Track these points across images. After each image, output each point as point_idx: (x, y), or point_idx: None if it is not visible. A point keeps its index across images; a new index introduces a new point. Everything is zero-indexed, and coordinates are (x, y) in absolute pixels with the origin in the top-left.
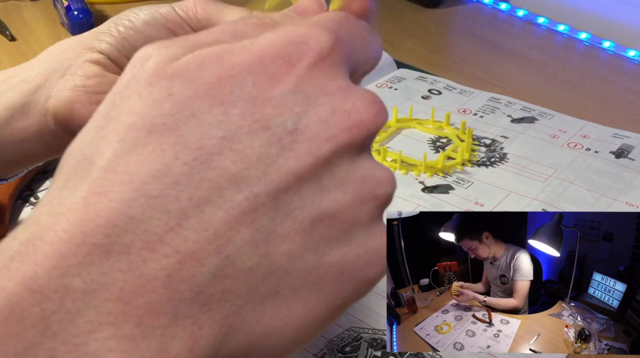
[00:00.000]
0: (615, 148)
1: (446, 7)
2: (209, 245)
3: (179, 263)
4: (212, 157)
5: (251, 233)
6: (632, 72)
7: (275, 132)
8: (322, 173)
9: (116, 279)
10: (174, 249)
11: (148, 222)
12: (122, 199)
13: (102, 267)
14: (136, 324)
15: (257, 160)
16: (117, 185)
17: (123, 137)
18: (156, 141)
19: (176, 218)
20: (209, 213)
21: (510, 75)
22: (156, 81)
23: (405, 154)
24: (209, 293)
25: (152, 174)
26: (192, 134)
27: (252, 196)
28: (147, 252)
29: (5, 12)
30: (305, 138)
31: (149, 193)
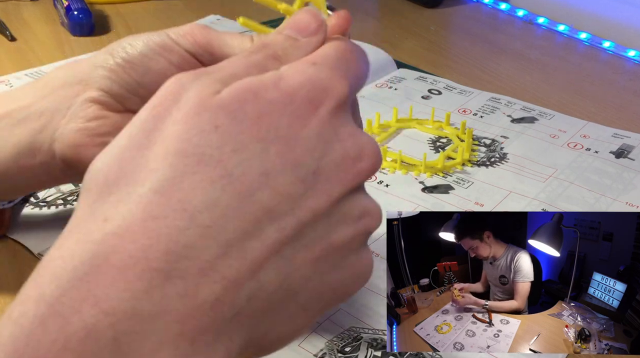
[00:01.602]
0: (615, 148)
1: (446, 7)
2: (248, 272)
3: (224, 288)
4: (254, 192)
5: (278, 261)
6: (632, 72)
7: (302, 171)
8: (332, 210)
9: (175, 303)
10: (221, 275)
11: (201, 250)
12: (178, 227)
13: (163, 291)
14: (190, 343)
15: (287, 197)
16: (171, 212)
17: (172, 162)
18: (204, 171)
19: (223, 247)
20: (248, 243)
21: (510, 75)
22: (203, 111)
23: (405, 153)
24: (243, 314)
25: (204, 204)
26: (237, 168)
27: (280, 229)
28: (199, 278)
29: (5, 12)
30: (323, 179)
31: (202, 223)
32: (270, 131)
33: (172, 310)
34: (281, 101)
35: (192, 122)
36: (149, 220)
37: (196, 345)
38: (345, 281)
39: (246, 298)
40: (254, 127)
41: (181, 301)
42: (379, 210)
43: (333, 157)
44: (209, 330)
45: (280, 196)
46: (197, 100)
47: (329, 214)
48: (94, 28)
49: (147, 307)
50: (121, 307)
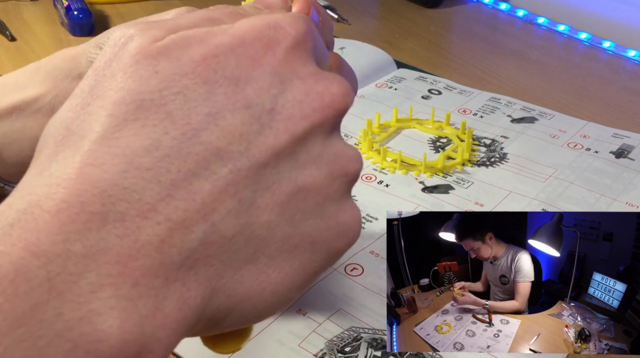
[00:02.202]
0: (615, 148)
1: (446, 7)
2: (197, 214)
3: (170, 230)
4: (199, 133)
5: (234, 203)
6: (632, 72)
7: (255, 110)
8: (298, 150)
9: (113, 244)
10: (166, 217)
11: (141, 192)
12: (116, 171)
13: (100, 233)
14: (133, 285)
15: (239, 137)
16: (110, 158)
17: (112, 112)
18: (145, 116)
19: (167, 189)
20: (197, 185)
21: (510, 75)
22: (142, 59)
23: (405, 154)
24: (195, 258)
25: (144, 148)
26: (179, 110)
27: (235, 170)
28: (140, 220)
29: (5, 12)
30: (282, 117)
31: (141, 166)
32: (218, 72)
33: (110, 251)
34: (229, 43)
35: (130, 70)
36: (86, 167)
37: (140, 288)
38: (325, 234)
39: (198, 242)
40: (198, 69)
41: (120, 242)
42: (357, 153)
43: (294, 94)
44: (155, 273)
45: (230, 136)
46: (138, 48)
47: (293, 154)
48: (94, 28)
49: (81, 248)
50: (53, 249)
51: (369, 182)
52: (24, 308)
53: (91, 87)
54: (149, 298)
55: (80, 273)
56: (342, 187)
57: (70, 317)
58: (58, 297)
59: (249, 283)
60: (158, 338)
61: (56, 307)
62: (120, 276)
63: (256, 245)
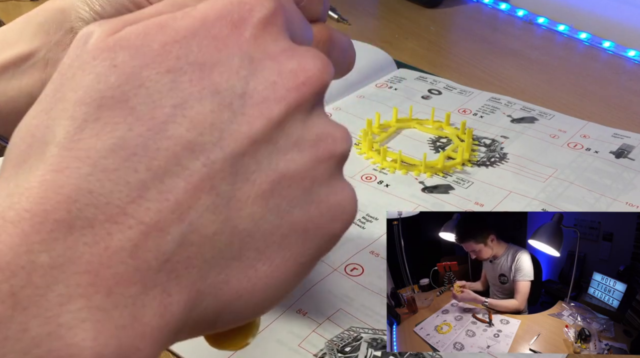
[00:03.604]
0: (615, 148)
1: (446, 7)
2: (171, 214)
3: (143, 233)
4: (166, 126)
5: (212, 199)
6: (632, 72)
7: (225, 96)
8: (276, 135)
9: (82, 253)
10: (138, 220)
11: (109, 195)
12: (80, 175)
13: (67, 241)
14: (107, 294)
15: (210, 126)
16: (72, 162)
17: (72, 114)
18: (107, 115)
19: (137, 190)
20: (169, 183)
21: (510, 75)
22: (99, 54)
23: (405, 154)
24: (175, 261)
25: (107, 148)
26: (143, 105)
27: (209, 162)
28: (110, 225)
29: (6, 12)
30: (255, 101)
31: (106, 167)
32: (180, 59)
33: (79, 260)
34: (191, 25)
35: (88, 67)
36: (48, 173)
37: (114, 297)
38: (317, 219)
39: (176, 244)
40: (159, 58)
41: (90, 250)
42: (344, 131)
43: (266, 75)
44: (130, 280)
45: (200, 126)
46: (95, 44)
47: (271, 140)
48: None
49: (47, 259)
50: (16, 261)
51: (369, 182)
52: None
53: (54, 91)
54: (125, 308)
55: (47, 286)
56: (329, 169)
57: (37, 333)
58: (23, 312)
59: (237, 281)
60: (138, 349)
61: (21, 322)
62: (92, 286)
63: (241, 241)
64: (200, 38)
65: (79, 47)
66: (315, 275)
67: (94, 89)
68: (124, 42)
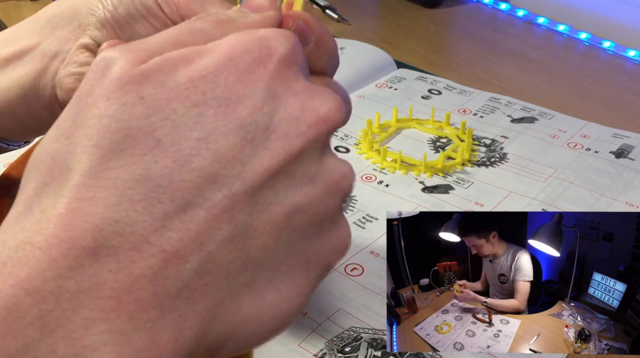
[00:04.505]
0: (615, 148)
1: (446, 7)
2: (192, 243)
3: (164, 261)
4: (191, 159)
5: (230, 229)
6: (632, 72)
7: (248, 131)
8: (294, 168)
9: (106, 279)
10: (159, 248)
11: (134, 225)
12: (107, 204)
13: (93, 268)
14: (128, 319)
15: (232, 159)
16: (99, 191)
17: (97, 142)
18: (133, 145)
19: (160, 220)
20: (191, 213)
21: (510, 75)
22: (124, 85)
23: (405, 154)
24: (192, 288)
25: (134, 179)
26: (168, 136)
27: (230, 195)
28: (134, 253)
29: (5, 12)
30: (277, 136)
31: (132, 198)
32: (207, 93)
33: (103, 286)
34: (217, 62)
35: (114, 96)
36: (76, 202)
37: (135, 321)
38: (319, 251)
39: (194, 272)
40: (186, 92)
41: (114, 277)
42: (350, 169)
43: (289, 111)
44: (150, 306)
45: (223, 159)
46: (120, 73)
47: (289, 173)
48: None
49: (74, 284)
50: (45, 286)
51: (369, 182)
52: (16, 346)
53: (74, 116)
54: (143, 332)
55: (73, 310)
56: (336, 204)
57: (64, 353)
58: (51, 334)
59: (247, 308)
60: None
61: (49, 344)
62: (114, 311)
63: (253, 269)
64: (226, 74)
65: (100, 71)
66: None
67: (120, 119)
68: (152, 74)
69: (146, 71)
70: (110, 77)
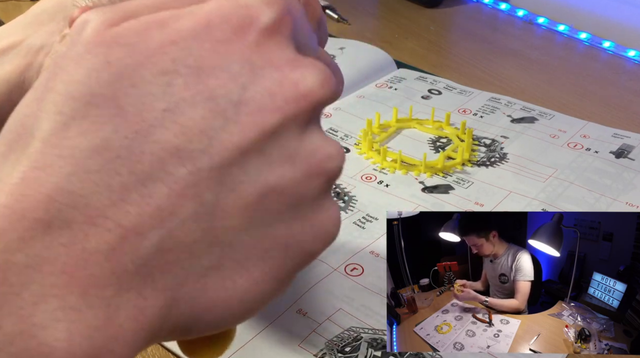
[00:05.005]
0: (615, 148)
1: (446, 7)
2: (151, 219)
3: (121, 237)
4: (154, 130)
5: (195, 207)
6: (632, 72)
7: (219, 103)
8: (269, 146)
9: (59, 253)
10: (116, 223)
11: (89, 197)
12: (62, 174)
13: (44, 242)
14: (81, 295)
15: (200, 133)
16: (56, 160)
17: (61, 109)
18: (95, 113)
19: (118, 193)
20: (152, 188)
21: (510, 75)
22: (94, 48)
23: (405, 154)
24: (152, 266)
25: (91, 148)
26: (132, 105)
27: (195, 170)
28: (88, 227)
29: (5, 12)
30: (250, 110)
31: (89, 168)
32: (177, 61)
33: (55, 261)
34: (192, 27)
35: (82, 60)
36: (32, 171)
37: (90, 298)
38: (299, 236)
39: (154, 249)
40: (156, 58)
41: (67, 251)
42: (338, 148)
43: (266, 85)
44: (106, 282)
45: (189, 133)
46: (92, 36)
47: (263, 151)
48: None
49: (22, 258)
50: None
51: (369, 182)
52: None
53: (47, 80)
54: (99, 309)
55: (22, 285)
56: (319, 186)
57: (10, 331)
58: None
59: (213, 291)
60: (111, 351)
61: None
62: (67, 287)
63: (221, 251)
64: (201, 41)
65: (76, 35)
66: (315, 275)
67: (85, 84)
68: (121, 38)
69: (117, 34)
70: (82, 39)
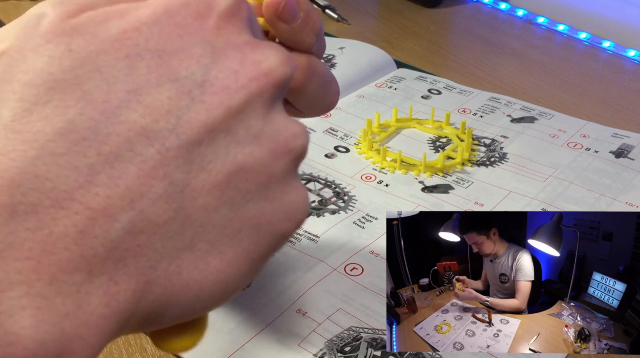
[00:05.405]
0: (615, 148)
1: (446, 7)
2: (121, 201)
3: (90, 219)
4: (120, 111)
5: (165, 187)
6: (632, 72)
7: (184, 84)
8: (236, 125)
9: (24, 239)
10: (85, 206)
11: (56, 180)
12: (26, 158)
13: (9, 227)
14: (49, 282)
15: (166, 113)
16: (19, 145)
17: (22, 96)
18: (59, 98)
19: (85, 175)
20: (120, 169)
21: (510, 75)
22: (54, 38)
23: (405, 154)
24: (123, 249)
25: (56, 132)
26: (97, 89)
27: (163, 150)
28: (56, 210)
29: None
30: (215, 89)
31: (54, 151)
32: (140, 45)
33: (21, 247)
34: (153, 14)
35: (42, 50)
36: None
37: (58, 285)
38: (270, 216)
39: (125, 231)
40: (117, 44)
41: (33, 236)
42: (302, 127)
43: (229, 65)
44: (76, 268)
45: (156, 113)
46: (50, 27)
47: (230, 130)
48: None
49: None
50: None
51: (369, 182)
52: None
53: (3, 71)
54: (69, 296)
55: None
56: (287, 166)
57: None
58: None
59: (187, 274)
60: (82, 338)
61: None
62: (34, 273)
63: (193, 231)
64: (162, 25)
65: (31, 27)
66: (315, 275)
67: (47, 71)
68: (82, 27)
69: (77, 25)
70: (39, 31)
